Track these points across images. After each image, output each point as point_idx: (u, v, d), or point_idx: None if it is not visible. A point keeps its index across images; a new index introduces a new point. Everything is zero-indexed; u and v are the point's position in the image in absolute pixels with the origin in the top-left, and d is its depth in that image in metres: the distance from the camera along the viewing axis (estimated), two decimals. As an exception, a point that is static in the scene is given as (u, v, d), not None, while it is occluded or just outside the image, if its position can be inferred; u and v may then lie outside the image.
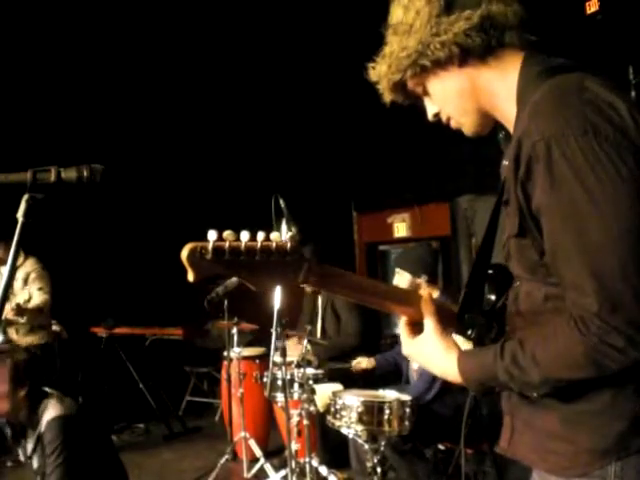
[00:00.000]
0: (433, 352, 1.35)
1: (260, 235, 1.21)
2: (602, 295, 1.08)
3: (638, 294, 1.06)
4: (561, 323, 1.15)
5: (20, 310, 4.67)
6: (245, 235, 1.20)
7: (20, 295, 4.80)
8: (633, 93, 4.10)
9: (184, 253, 1.17)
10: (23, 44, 5.43)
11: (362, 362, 4.26)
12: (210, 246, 1.17)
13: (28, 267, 4.91)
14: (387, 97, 1.43)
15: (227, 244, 1.18)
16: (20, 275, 4.89)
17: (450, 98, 1.36)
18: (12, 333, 4.81)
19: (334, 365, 4.34)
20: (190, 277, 1.19)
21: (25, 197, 1.45)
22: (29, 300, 4.79)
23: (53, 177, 1.47)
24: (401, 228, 7.02)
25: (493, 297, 1.38)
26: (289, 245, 1.23)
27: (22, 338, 4.84)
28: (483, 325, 1.34)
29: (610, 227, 1.08)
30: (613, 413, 1.17)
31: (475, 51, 1.29)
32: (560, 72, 1.22)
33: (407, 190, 6.69)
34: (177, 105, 6.52)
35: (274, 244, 1.21)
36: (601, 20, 4.27)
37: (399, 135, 6.25)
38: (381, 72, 1.39)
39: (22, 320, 4.78)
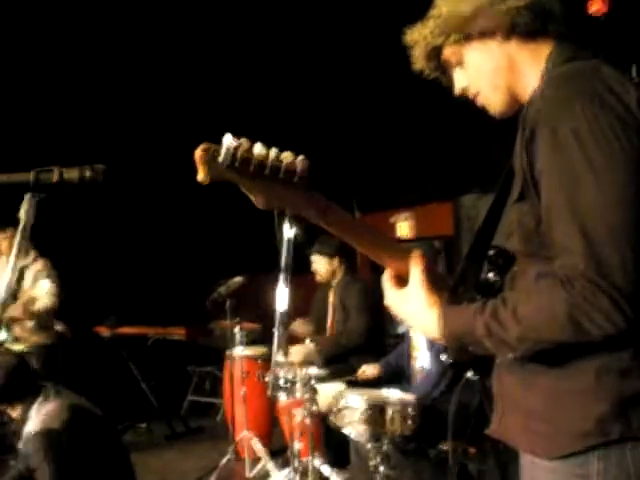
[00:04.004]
0: (416, 306, 1.35)
1: (273, 152, 1.22)
2: (589, 256, 1.09)
3: (624, 260, 1.07)
4: (547, 282, 1.15)
5: (27, 311, 4.65)
6: (258, 147, 1.21)
7: (29, 294, 4.79)
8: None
9: (198, 151, 1.19)
10: (23, 44, 5.43)
11: (367, 370, 4.22)
12: (223, 150, 1.18)
13: (39, 266, 4.89)
14: (419, 63, 1.45)
15: (240, 153, 1.19)
16: (30, 274, 4.87)
17: (485, 72, 1.39)
18: (18, 331, 4.81)
19: (338, 374, 4.31)
20: (200, 176, 1.20)
21: (27, 197, 1.45)
22: (37, 300, 4.77)
23: (55, 177, 1.47)
24: (404, 227, 7.02)
25: (491, 276, 1.38)
26: (299, 168, 1.23)
27: (28, 337, 4.81)
28: (476, 301, 1.33)
29: (604, 192, 1.10)
30: (595, 395, 1.16)
31: (521, 29, 1.34)
32: (582, 59, 1.28)
33: (410, 189, 6.69)
34: (178, 107, 6.52)
35: (284, 163, 1.22)
36: (604, 19, 4.25)
37: (402, 134, 6.24)
38: (422, 34, 1.41)
39: (29, 324, 4.75)
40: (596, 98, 1.14)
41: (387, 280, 1.42)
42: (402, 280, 1.40)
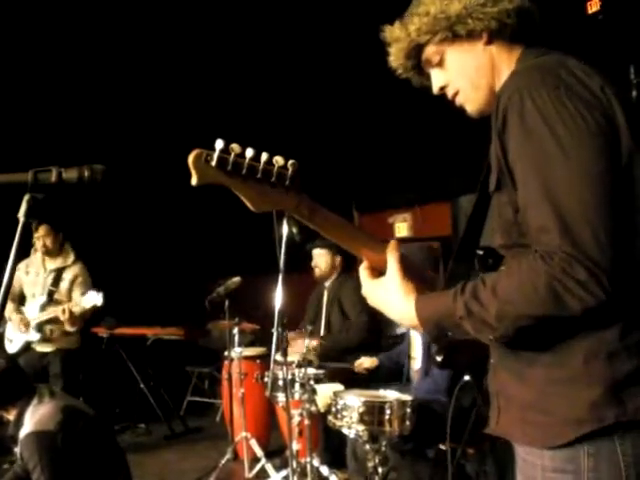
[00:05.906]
0: (392, 294, 1.36)
1: (264, 156, 1.25)
2: (565, 232, 1.11)
3: (597, 235, 1.09)
4: (527, 260, 1.16)
5: (72, 316, 4.45)
6: (250, 152, 1.24)
7: (67, 298, 4.69)
8: (634, 93, 4.09)
9: (191, 156, 1.22)
10: (23, 44, 5.43)
11: (365, 362, 4.22)
12: (215, 155, 1.21)
13: (77, 270, 4.84)
14: (396, 61, 1.48)
15: (231, 157, 1.22)
16: (68, 276, 4.81)
17: (467, 71, 1.42)
18: (49, 333, 4.69)
19: (335, 365, 4.33)
20: (193, 181, 1.23)
21: (26, 197, 1.45)
22: (78, 305, 4.54)
23: (54, 177, 1.47)
24: (402, 228, 7.02)
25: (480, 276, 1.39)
26: (289, 172, 1.27)
27: (56, 340, 4.73)
28: None
29: (574, 170, 1.13)
30: (586, 380, 1.16)
31: (506, 33, 1.38)
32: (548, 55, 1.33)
33: (408, 190, 6.69)
34: (176, 108, 6.52)
35: (275, 168, 1.26)
36: (602, 20, 4.26)
37: (400, 135, 6.24)
38: (406, 31, 1.42)
39: (71, 329, 4.60)
40: (561, 84, 1.19)
41: (363, 270, 1.44)
42: (378, 271, 1.43)
